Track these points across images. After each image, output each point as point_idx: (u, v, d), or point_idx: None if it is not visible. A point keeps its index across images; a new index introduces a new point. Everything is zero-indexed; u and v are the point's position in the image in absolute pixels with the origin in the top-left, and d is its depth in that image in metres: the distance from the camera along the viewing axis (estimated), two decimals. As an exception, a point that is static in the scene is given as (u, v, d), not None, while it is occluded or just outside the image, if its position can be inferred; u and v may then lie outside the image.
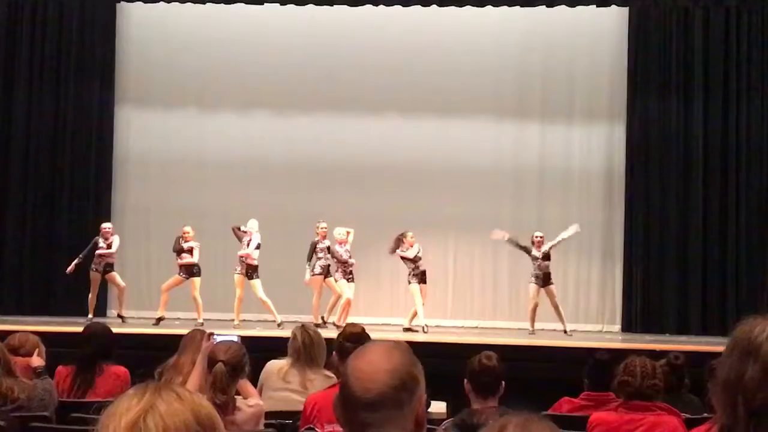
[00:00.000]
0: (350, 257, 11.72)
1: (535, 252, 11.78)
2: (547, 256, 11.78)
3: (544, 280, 11.75)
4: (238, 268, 11.67)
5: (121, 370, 5.88)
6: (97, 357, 5.86)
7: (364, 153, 13.31)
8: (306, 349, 5.46)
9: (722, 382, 1.79)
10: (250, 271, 11.64)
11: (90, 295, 11.86)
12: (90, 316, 11.52)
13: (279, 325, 11.28)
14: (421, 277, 11.71)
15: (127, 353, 6.45)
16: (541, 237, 11.84)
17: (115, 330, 6.57)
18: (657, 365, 4.85)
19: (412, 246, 11.73)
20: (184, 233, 11.82)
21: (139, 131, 13.58)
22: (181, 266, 11.83)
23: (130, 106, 13.61)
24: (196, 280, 11.79)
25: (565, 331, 11.76)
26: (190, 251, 11.78)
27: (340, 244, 11.73)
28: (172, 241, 11.93)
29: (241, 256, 11.65)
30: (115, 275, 11.94)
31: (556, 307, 11.82)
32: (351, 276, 11.75)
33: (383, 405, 1.91)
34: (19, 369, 5.03)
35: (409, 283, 11.71)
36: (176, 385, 1.58)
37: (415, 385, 1.96)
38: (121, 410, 1.51)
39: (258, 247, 11.63)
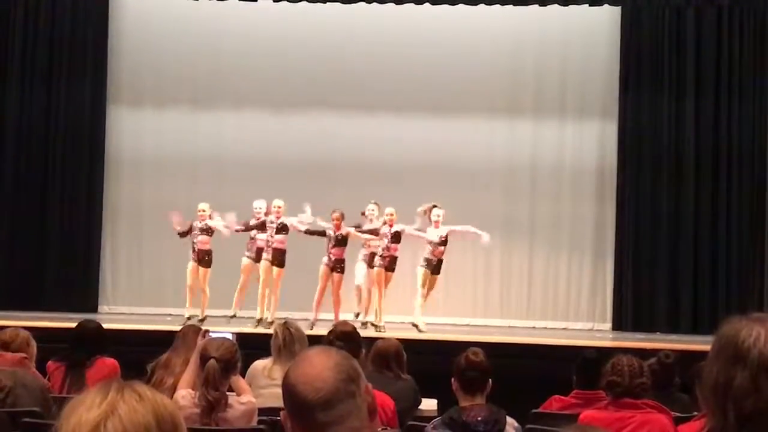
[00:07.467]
0: None
1: (431, 233, 11.14)
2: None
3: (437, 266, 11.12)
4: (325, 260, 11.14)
5: (111, 361, 5.90)
6: (91, 355, 5.88)
7: (357, 151, 13.28)
8: (287, 345, 5.52)
9: (711, 387, 1.77)
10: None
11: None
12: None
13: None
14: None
15: (120, 350, 6.46)
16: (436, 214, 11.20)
17: (106, 326, 6.58)
18: (644, 364, 4.87)
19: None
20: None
21: (132, 128, 13.50)
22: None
23: (122, 103, 13.53)
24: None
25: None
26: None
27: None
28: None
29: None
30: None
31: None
32: None
33: (338, 400, 1.96)
34: (8, 364, 5.03)
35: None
36: (138, 384, 1.60)
37: (359, 375, 2.03)
38: (83, 408, 1.53)
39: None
